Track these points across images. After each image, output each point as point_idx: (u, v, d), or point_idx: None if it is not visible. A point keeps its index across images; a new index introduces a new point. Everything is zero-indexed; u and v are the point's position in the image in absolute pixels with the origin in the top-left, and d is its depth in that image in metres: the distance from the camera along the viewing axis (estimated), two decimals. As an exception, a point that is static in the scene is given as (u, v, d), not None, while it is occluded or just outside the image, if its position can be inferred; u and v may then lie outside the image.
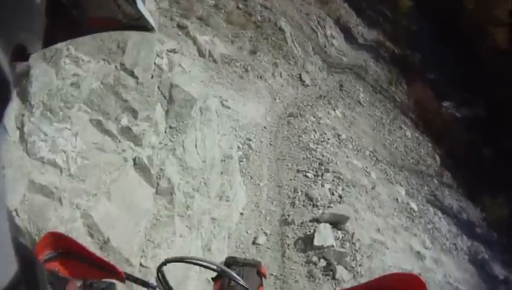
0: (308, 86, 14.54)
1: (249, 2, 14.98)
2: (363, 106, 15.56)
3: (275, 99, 12.75)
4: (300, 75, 14.43)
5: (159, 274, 1.38)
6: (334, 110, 13.56)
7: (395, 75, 21.28)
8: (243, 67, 12.35)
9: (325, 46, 18.98)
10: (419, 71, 23.91)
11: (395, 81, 20.86)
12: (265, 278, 1.48)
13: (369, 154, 12.45)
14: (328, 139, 11.12)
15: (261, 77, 12.65)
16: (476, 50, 25.35)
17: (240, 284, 1.30)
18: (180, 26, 11.40)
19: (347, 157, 10.93)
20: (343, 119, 13.61)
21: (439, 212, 12.91)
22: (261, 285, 1.45)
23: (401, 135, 15.79)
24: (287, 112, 12.38)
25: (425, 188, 13.96)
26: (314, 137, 10.95)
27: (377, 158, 12.60)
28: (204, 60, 11.46)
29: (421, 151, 16.08)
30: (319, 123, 11.99)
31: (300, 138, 10.73)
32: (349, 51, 21.17)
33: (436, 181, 15.15)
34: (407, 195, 12.14)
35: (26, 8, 0.48)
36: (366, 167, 11.24)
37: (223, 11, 13.76)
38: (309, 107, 13.02)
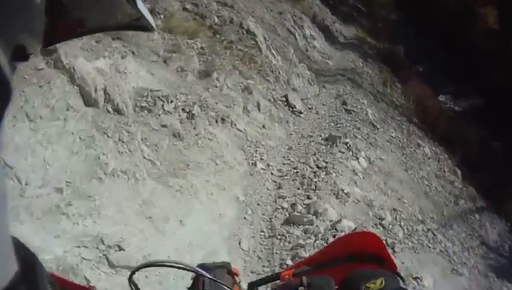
0: (301, 113, 9.50)
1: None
2: (379, 129, 10.92)
3: (255, 164, 6.93)
4: (286, 97, 9.45)
5: (131, 284, 1.31)
6: (357, 158, 7.93)
7: (387, 74, 17.61)
8: (185, 111, 6.55)
9: (307, 50, 14.51)
10: (407, 65, 20.96)
11: (389, 81, 16.95)
12: (237, 275, 1.43)
13: (422, 230, 7.45)
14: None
15: (223, 121, 6.88)
16: (464, 35, 22.43)
17: (216, 282, 1.29)
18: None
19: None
20: (372, 170, 8.29)
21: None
22: (235, 283, 1.39)
23: (423, 158, 11.41)
24: (282, 205, 6.38)
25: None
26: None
27: (432, 232, 7.70)
28: (96, 110, 5.57)
29: (445, 172, 11.69)
30: (347, 201, 6.72)
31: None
32: (333, 52, 16.95)
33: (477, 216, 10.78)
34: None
35: (26, 8, 0.44)
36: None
37: (161, 16, 8.44)
38: (318, 168, 7.44)
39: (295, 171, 7.20)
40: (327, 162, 7.55)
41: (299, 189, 6.66)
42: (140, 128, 5.71)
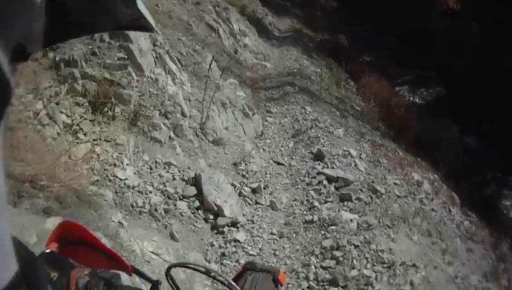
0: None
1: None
2: (363, 160, 7.31)
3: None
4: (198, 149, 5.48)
5: (168, 277, 1.28)
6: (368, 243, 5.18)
7: (337, 71, 13.82)
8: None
9: (236, 52, 10.19)
10: (355, 57, 17.21)
11: (342, 80, 13.29)
12: (281, 285, 1.33)
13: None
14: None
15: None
16: (418, 16, 19.25)
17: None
18: None
19: None
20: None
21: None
22: None
23: (421, 196, 7.49)
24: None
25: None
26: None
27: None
28: None
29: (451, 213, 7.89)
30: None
31: None
32: (270, 50, 12.88)
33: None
34: None
35: (26, 8, 0.42)
36: None
37: None
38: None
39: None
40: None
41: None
42: None
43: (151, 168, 4.76)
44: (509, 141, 14.11)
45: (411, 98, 17.47)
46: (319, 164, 6.92)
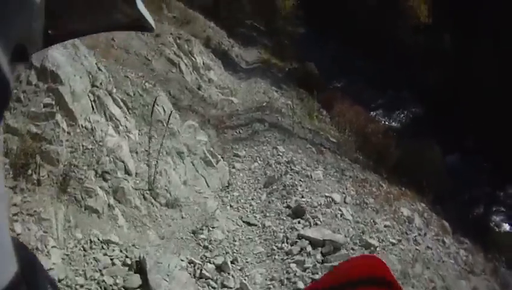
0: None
1: None
2: (348, 204, 6.30)
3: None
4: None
5: None
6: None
7: (308, 102, 13.06)
8: None
9: (200, 88, 9.24)
10: (325, 85, 16.89)
11: (314, 111, 12.48)
12: None
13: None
14: None
15: None
16: (388, 35, 18.81)
17: None
18: None
19: None
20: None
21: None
22: None
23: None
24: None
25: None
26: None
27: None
28: None
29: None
30: None
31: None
32: (237, 83, 12.05)
33: None
34: None
35: (26, 8, 0.42)
36: None
37: None
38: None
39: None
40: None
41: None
42: None
43: (84, 250, 3.65)
44: (493, 154, 13.73)
45: (387, 123, 17.07)
46: (298, 222, 5.62)
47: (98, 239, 3.89)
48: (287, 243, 5.29)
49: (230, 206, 6.05)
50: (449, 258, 7.13)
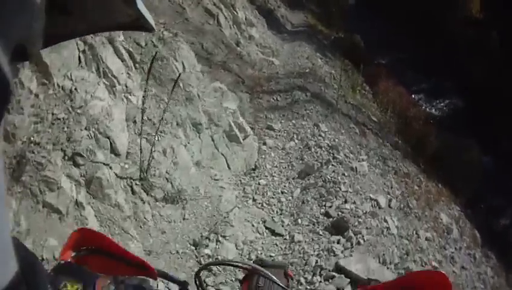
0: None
1: None
2: (393, 209, 5.05)
3: None
4: None
5: (196, 279, 1.21)
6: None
7: (353, 75, 11.87)
8: None
9: (238, 44, 8.18)
10: (371, 59, 15.52)
11: (358, 85, 11.31)
12: (292, 279, 1.29)
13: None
14: None
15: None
16: (439, 23, 17.31)
17: (273, 281, 1.14)
18: None
19: None
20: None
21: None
22: (288, 286, 1.24)
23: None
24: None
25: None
26: None
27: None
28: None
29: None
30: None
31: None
32: (280, 44, 10.99)
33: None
34: None
35: (26, 8, 0.42)
36: None
37: None
38: None
39: None
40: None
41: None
42: None
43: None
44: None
45: (428, 109, 15.95)
46: (338, 242, 4.14)
47: (54, 257, 2.67)
48: (320, 275, 3.76)
49: (253, 199, 4.75)
50: (479, 280, 6.09)
